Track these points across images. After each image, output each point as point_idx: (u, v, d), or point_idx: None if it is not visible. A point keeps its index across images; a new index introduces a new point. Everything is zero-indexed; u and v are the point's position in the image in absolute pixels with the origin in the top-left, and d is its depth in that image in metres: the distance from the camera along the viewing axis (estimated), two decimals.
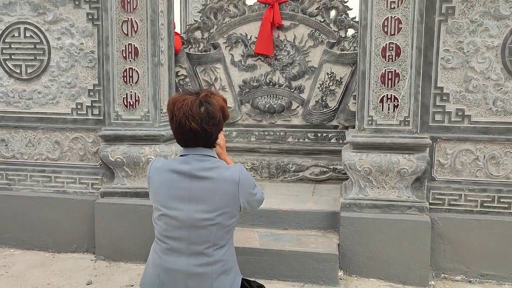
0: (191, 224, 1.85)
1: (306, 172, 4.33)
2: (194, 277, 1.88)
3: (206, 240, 1.87)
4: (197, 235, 1.86)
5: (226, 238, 1.92)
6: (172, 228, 1.88)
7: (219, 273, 1.91)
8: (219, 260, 1.90)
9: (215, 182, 1.87)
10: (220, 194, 1.86)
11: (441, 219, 3.26)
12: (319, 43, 4.31)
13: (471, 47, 3.17)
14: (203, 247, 1.87)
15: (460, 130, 3.24)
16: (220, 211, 1.85)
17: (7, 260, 3.60)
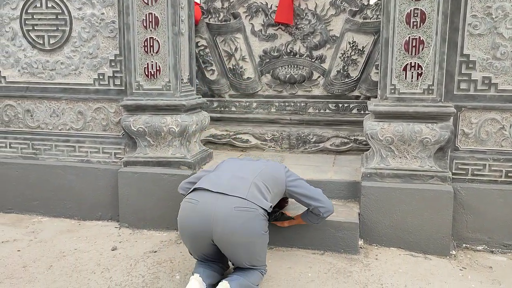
0: (244, 165, 2.63)
1: (327, 143, 4.32)
2: (238, 178, 2.44)
3: (253, 171, 2.57)
4: (247, 169, 2.58)
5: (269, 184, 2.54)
6: (228, 162, 2.73)
7: (258, 184, 2.44)
8: (261, 180, 2.50)
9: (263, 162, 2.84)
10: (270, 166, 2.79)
11: (464, 189, 3.23)
12: (341, 12, 4.23)
13: (499, 12, 3.06)
14: (249, 170, 2.56)
15: (486, 99, 3.17)
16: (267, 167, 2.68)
17: (35, 227, 3.72)
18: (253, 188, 2.39)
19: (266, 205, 2.38)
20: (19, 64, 3.91)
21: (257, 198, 2.36)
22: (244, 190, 2.35)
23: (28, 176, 3.96)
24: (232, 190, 2.34)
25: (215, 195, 2.32)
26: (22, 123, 4.00)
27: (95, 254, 3.18)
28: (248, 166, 2.64)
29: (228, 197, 2.30)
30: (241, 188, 2.37)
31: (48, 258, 3.12)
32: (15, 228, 3.69)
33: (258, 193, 2.40)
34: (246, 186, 2.38)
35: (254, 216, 2.31)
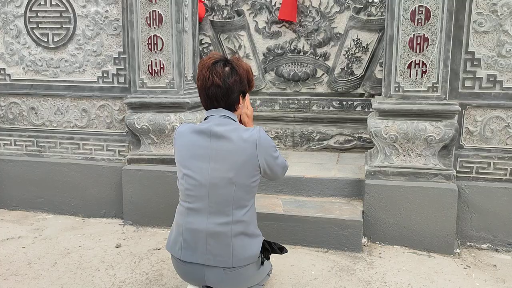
0: (211, 183, 1.92)
1: (331, 141, 4.31)
2: (214, 235, 1.96)
3: (225, 199, 1.93)
4: (216, 194, 1.93)
5: (246, 198, 1.98)
6: (193, 187, 1.95)
7: (239, 233, 1.97)
8: (239, 221, 1.96)
9: (233, 142, 1.92)
10: (239, 153, 1.92)
11: (468, 187, 3.22)
12: (345, 9, 4.21)
13: (505, 10, 3.04)
14: (222, 206, 1.94)
15: (491, 97, 3.15)
16: (238, 170, 1.91)
17: (40, 224, 3.74)
18: (236, 243, 1.97)
19: (255, 256, 2.04)
20: (24, 62, 3.92)
21: (244, 256, 2.00)
22: (228, 258, 1.97)
23: (33, 173, 3.97)
24: (215, 260, 1.98)
25: (199, 266, 2.01)
26: (26, 120, 4.01)
27: (99, 251, 3.19)
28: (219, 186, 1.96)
29: (214, 268, 2.00)
30: (223, 254, 1.98)
31: (53, 255, 3.13)
32: (20, 225, 3.71)
33: (243, 240, 1.99)
34: (228, 250, 1.97)
35: (246, 270, 2.05)
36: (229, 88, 1.94)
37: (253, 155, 1.93)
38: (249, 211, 2.02)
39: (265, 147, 1.96)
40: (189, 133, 1.99)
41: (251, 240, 2.02)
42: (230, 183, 1.93)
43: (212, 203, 1.95)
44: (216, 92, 1.94)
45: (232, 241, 1.96)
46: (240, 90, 1.99)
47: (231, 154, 1.92)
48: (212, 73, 1.91)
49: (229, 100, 1.97)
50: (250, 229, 2.02)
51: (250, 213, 2.03)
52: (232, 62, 1.98)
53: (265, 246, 2.10)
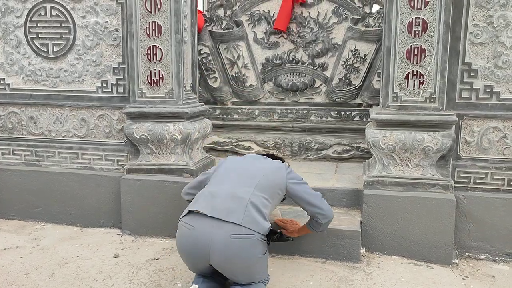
0: (244, 172, 2.55)
1: (329, 151, 4.32)
2: (233, 197, 2.35)
3: (252, 176, 2.49)
4: (246, 174, 2.51)
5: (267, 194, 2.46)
6: (227, 171, 2.59)
7: (254, 204, 2.33)
8: (258, 195, 2.39)
9: (267, 165, 2.71)
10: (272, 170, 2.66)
11: (466, 198, 3.22)
12: (343, 20, 4.25)
13: (501, 21, 3.07)
14: (249, 180, 2.45)
15: (487, 107, 3.17)
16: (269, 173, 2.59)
17: (37, 234, 3.73)
18: (250, 209, 2.30)
19: (263, 229, 2.29)
20: (23, 72, 3.94)
21: (254, 222, 2.27)
22: (240, 215, 2.25)
23: (31, 183, 3.97)
24: (228, 215, 2.25)
25: (211, 221, 2.24)
26: (25, 130, 4.02)
27: (97, 262, 3.18)
28: (247, 173, 2.54)
29: (224, 224, 2.22)
30: (237, 211, 2.27)
31: (50, 266, 3.12)
32: (18, 235, 3.70)
33: (256, 213, 2.31)
34: (242, 209, 2.28)
35: (251, 243, 2.24)
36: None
37: (282, 180, 2.63)
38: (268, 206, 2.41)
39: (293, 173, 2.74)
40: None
41: (262, 217, 2.32)
42: (260, 171, 2.52)
43: (241, 177, 2.46)
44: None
45: (247, 205, 2.28)
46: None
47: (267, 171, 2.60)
48: None
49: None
50: (264, 212, 2.33)
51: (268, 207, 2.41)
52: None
53: (274, 230, 2.46)
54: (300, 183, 2.69)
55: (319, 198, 2.69)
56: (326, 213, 2.67)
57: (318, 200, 2.68)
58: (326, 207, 2.69)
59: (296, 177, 2.70)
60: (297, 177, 2.70)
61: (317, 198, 2.68)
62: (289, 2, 4.24)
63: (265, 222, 2.32)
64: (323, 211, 2.66)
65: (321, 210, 2.66)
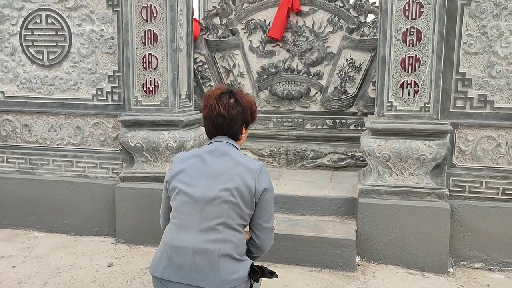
0: (206, 199, 1.92)
1: (324, 159, 4.33)
2: (201, 253, 1.91)
3: (217, 215, 1.92)
4: (209, 211, 1.92)
5: (237, 222, 1.95)
6: (186, 204, 1.95)
7: (226, 254, 1.92)
8: (229, 240, 1.92)
9: (234, 162, 1.97)
10: (237, 173, 1.94)
11: (461, 206, 3.23)
12: (338, 29, 4.27)
13: (494, 31, 3.10)
14: (213, 223, 1.91)
15: (482, 116, 3.19)
16: (235, 191, 1.92)
17: (31, 242, 3.69)
18: (223, 266, 1.91)
19: (241, 280, 1.94)
20: (18, 79, 3.93)
21: (231, 280, 1.91)
22: (213, 278, 1.90)
23: (25, 191, 3.94)
24: (200, 279, 1.90)
25: (183, 286, 1.93)
26: (20, 138, 4.00)
27: (91, 271, 3.15)
28: (213, 203, 1.92)
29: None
30: (208, 274, 1.90)
31: (43, 275, 3.09)
32: (11, 243, 3.67)
33: (231, 265, 1.92)
34: (214, 269, 1.90)
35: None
36: (233, 118, 2.02)
37: (251, 183, 1.95)
38: (239, 236, 1.96)
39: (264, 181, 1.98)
40: (192, 156, 2.03)
41: (238, 263, 1.96)
42: (224, 201, 1.92)
43: (203, 219, 1.93)
44: (221, 121, 2.03)
45: (218, 261, 1.92)
46: (243, 121, 2.07)
47: (230, 170, 1.96)
48: (218, 104, 2.01)
49: (232, 130, 2.05)
50: (238, 253, 1.96)
51: (240, 238, 1.97)
52: (237, 95, 2.08)
53: (254, 268, 2.00)
54: (267, 193, 2.00)
55: (271, 221, 2.07)
56: (263, 244, 2.05)
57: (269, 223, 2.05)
58: (269, 238, 2.06)
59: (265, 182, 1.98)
60: (266, 181, 1.99)
61: (270, 221, 2.05)
62: (284, 11, 4.26)
63: (242, 269, 1.94)
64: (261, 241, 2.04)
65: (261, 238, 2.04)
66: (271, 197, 2.03)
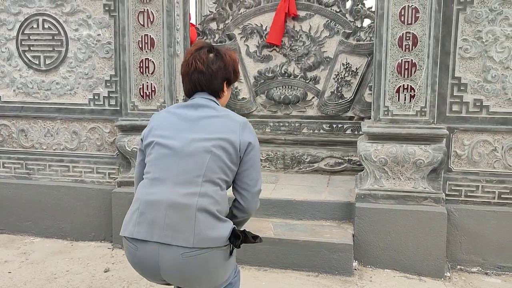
0: (185, 151, 1.72)
1: (321, 163, 4.33)
2: (176, 207, 1.68)
3: (197, 167, 1.71)
4: (188, 162, 1.72)
5: (220, 177, 1.74)
6: (162, 156, 1.75)
7: (205, 208, 1.68)
8: (207, 194, 1.70)
9: (216, 113, 1.81)
10: (220, 124, 1.77)
11: (458, 211, 3.24)
12: (334, 34, 4.29)
13: (490, 36, 3.12)
14: (192, 175, 1.70)
15: (478, 121, 3.20)
16: (217, 142, 1.73)
17: (27, 248, 3.68)
18: (201, 221, 1.68)
19: (221, 240, 1.72)
20: (15, 84, 3.92)
21: (208, 239, 1.69)
22: (189, 234, 1.67)
23: (21, 196, 3.93)
24: (174, 237, 1.67)
25: (154, 245, 1.70)
26: (16, 142, 3.99)
27: (87, 276, 3.14)
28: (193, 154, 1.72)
29: (171, 248, 1.68)
30: (184, 230, 1.67)
31: (39, 281, 3.08)
32: (7, 249, 3.65)
33: (209, 221, 1.70)
34: (191, 224, 1.68)
35: (208, 257, 1.72)
36: (213, 74, 1.85)
37: (235, 135, 1.75)
38: (221, 193, 1.75)
39: (248, 135, 1.79)
40: (169, 112, 1.85)
41: (218, 222, 1.72)
42: (205, 151, 1.71)
43: (181, 171, 1.71)
44: (199, 78, 1.85)
45: (196, 215, 1.67)
46: (224, 77, 1.89)
47: (214, 125, 1.76)
48: (195, 59, 1.85)
49: (212, 86, 1.87)
50: (218, 210, 1.72)
51: (222, 195, 1.75)
52: (218, 49, 1.90)
53: (236, 233, 1.75)
54: (256, 157, 1.84)
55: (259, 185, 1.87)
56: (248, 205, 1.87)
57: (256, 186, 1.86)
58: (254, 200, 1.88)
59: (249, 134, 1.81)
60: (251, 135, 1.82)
61: (257, 184, 1.86)
62: (282, 16, 4.27)
63: (222, 228, 1.72)
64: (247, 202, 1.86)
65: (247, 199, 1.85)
66: (257, 155, 1.84)
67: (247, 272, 3.13)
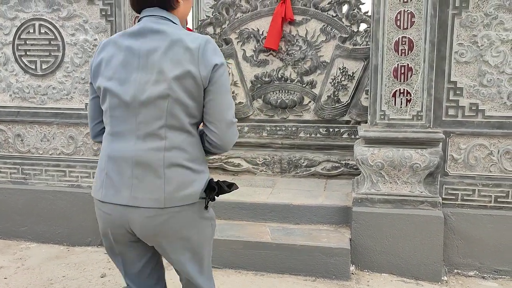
0: (138, 99, 1.51)
1: (318, 167, 4.33)
2: (143, 164, 1.52)
3: (156, 117, 1.51)
4: (146, 113, 1.52)
5: (185, 121, 1.54)
6: (117, 106, 1.55)
7: (174, 163, 1.53)
8: (175, 147, 1.53)
9: (169, 41, 1.51)
10: (173, 57, 1.50)
11: (454, 214, 3.24)
12: (331, 38, 4.30)
13: (485, 41, 3.14)
14: (153, 127, 1.51)
15: (473, 125, 3.21)
16: (173, 81, 1.48)
17: (23, 253, 3.66)
18: (171, 178, 1.52)
19: (195, 196, 1.56)
20: (11, 89, 3.91)
21: (182, 197, 1.54)
22: (159, 193, 1.53)
23: (17, 201, 3.91)
24: (143, 198, 1.54)
25: (123, 208, 1.56)
26: (12, 147, 3.97)
27: (83, 282, 3.13)
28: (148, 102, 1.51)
29: (140, 210, 1.55)
30: (153, 190, 1.53)
31: (35, 286, 3.06)
32: (2, 254, 3.63)
33: (181, 176, 1.54)
34: (160, 183, 1.52)
35: (182, 215, 1.57)
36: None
37: (194, 67, 1.49)
38: (191, 139, 1.56)
39: (212, 53, 1.51)
40: (118, 39, 1.56)
41: (192, 174, 1.56)
42: (161, 97, 1.49)
43: (140, 123, 1.52)
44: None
45: (165, 172, 1.51)
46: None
47: (167, 58, 1.49)
48: None
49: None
50: (191, 161, 1.56)
51: (193, 142, 1.57)
52: None
53: (211, 185, 1.59)
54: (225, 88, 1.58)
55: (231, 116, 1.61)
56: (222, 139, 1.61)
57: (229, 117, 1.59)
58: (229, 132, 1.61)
59: (220, 63, 1.55)
60: (221, 61, 1.56)
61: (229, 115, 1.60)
62: (278, 21, 4.28)
63: (195, 182, 1.56)
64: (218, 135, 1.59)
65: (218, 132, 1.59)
66: (224, 79, 1.55)
67: (244, 277, 3.13)
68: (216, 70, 1.51)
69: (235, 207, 3.57)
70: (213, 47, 1.53)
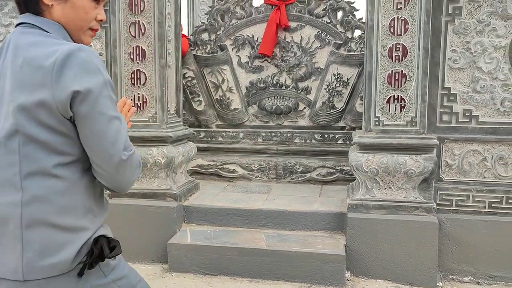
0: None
1: (313, 173, 4.33)
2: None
3: (10, 162, 1.16)
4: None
5: (48, 163, 1.16)
6: None
7: (36, 220, 1.16)
8: (36, 197, 1.16)
9: (22, 60, 1.15)
10: (22, 81, 1.14)
11: (449, 220, 3.25)
12: (325, 44, 4.32)
13: (478, 47, 3.16)
14: (7, 174, 1.17)
15: (467, 131, 3.23)
16: (20, 112, 1.13)
17: None
18: (32, 237, 1.17)
19: (65, 264, 1.19)
20: None
21: (44, 264, 1.17)
22: (16, 262, 1.17)
23: None
24: (1, 268, 1.20)
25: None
26: None
27: None
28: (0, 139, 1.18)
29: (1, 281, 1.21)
30: (9, 257, 1.18)
31: None
32: None
33: (46, 235, 1.17)
34: (17, 248, 1.17)
35: (53, 285, 1.20)
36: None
37: (45, 92, 1.11)
38: (62, 185, 1.18)
39: (76, 73, 1.11)
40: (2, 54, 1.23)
41: (62, 234, 1.18)
42: (9, 134, 1.15)
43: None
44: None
45: (23, 234, 1.16)
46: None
47: (15, 84, 1.15)
48: None
49: (31, 2, 1.21)
50: (61, 216, 1.18)
51: (65, 189, 1.18)
52: None
53: (92, 245, 1.24)
54: (91, 96, 1.16)
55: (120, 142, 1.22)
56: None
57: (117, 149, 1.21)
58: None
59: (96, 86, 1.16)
60: (85, 80, 1.14)
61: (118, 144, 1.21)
62: (273, 27, 4.30)
63: (68, 246, 1.19)
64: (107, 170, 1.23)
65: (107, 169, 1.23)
66: (100, 106, 1.15)
67: (239, 283, 3.11)
68: (82, 100, 1.12)
69: (230, 213, 3.56)
70: (78, 62, 1.11)
